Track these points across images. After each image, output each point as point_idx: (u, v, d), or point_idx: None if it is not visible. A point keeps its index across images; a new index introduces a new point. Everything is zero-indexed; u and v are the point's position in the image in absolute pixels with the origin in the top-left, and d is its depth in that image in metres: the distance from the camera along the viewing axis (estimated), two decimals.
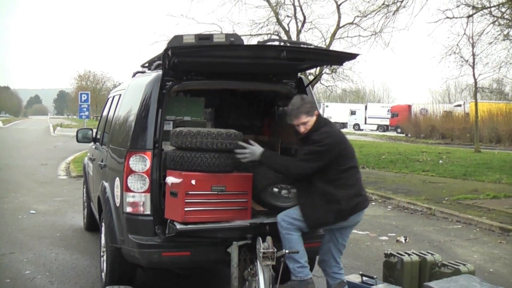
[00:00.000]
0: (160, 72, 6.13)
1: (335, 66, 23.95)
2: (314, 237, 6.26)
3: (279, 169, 5.66)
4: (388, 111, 70.45)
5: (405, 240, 10.05)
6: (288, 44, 6.54)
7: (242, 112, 8.03)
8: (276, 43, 6.80)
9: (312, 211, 5.50)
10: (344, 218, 5.55)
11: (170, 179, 5.65)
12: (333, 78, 27.69)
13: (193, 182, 5.56)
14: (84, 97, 34.83)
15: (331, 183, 5.48)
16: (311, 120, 5.54)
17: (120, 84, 11.36)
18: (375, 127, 71.90)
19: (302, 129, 5.56)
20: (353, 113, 74.42)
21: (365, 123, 73.66)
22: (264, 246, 5.33)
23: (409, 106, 64.99)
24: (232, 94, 7.79)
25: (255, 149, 5.69)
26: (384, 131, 68.79)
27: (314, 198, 5.50)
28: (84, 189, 10.31)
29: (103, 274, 6.91)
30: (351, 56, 6.17)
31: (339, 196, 5.52)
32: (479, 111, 33.95)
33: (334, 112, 70.26)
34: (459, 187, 16.54)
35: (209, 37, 5.90)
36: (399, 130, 62.40)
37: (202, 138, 5.63)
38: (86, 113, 34.81)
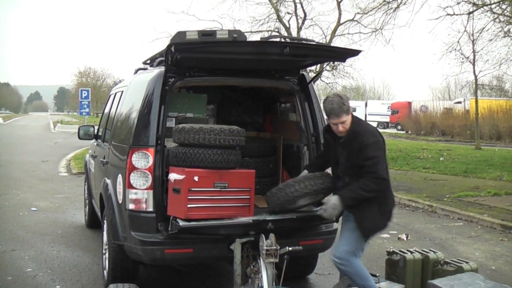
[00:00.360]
0: (162, 68, 6.12)
1: (335, 63, 23.93)
2: (314, 234, 6.27)
3: (366, 197, 5.35)
4: (388, 108, 70.38)
5: (407, 237, 10.03)
6: (291, 40, 6.51)
7: (244, 108, 8.03)
8: (279, 39, 6.79)
9: (371, 219, 5.43)
10: (391, 220, 5.61)
11: (173, 176, 5.64)
12: (334, 75, 27.71)
13: (196, 178, 5.55)
14: (84, 93, 34.90)
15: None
16: (349, 119, 5.46)
17: (121, 81, 11.37)
18: (375, 124, 71.63)
19: (341, 128, 5.44)
20: (353, 110, 74.05)
21: (366, 120, 73.56)
22: (267, 243, 5.32)
23: (409, 103, 64.91)
24: (234, 90, 7.78)
25: (334, 202, 5.44)
26: (384, 128, 68.68)
27: (369, 204, 5.41)
28: (86, 186, 10.30)
29: (105, 271, 6.90)
30: (354, 53, 6.15)
31: (391, 198, 5.58)
32: (479, 108, 33.91)
33: None
34: (460, 184, 16.52)
35: (212, 33, 5.88)
36: (399, 127, 62.35)
37: (205, 134, 5.61)
38: (87, 109, 34.86)
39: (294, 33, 24.99)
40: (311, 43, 6.27)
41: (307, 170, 6.02)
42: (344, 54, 6.48)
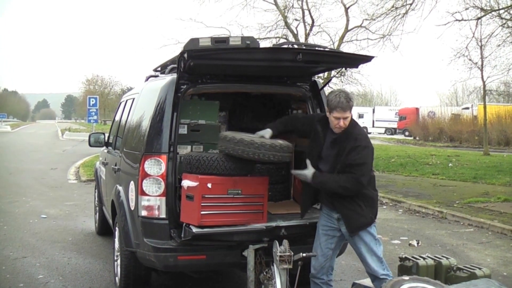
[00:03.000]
0: (174, 75, 6.12)
1: (343, 69, 23.92)
2: None
3: (335, 190, 5.41)
4: (396, 114, 70.28)
5: (418, 243, 10.00)
6: (304, 47, 6.51)
7: (256, 115, 8.02)
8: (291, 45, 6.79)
9: (358, 216, 5.46)
10: (375, 218, 5.61)
11: (186, 183, 5.65)
12: (342, 81, 27.66)
13: (209, 185, 5.56)
14: (92, 101, 35.01)
15: (368, 185, 5.48)
16: (350, 117, 5.47)
17: (129, 88, 11.40)
18: (383, 130, 71.70)
19: (342, 123, 5.40)
20: (360, 116, 74.20)
21: (373, 126, 73.42)
22: (280, 249, 5.31)
23: (417, 109, 64.82)
24: (246, 97, 7.78)
25: (306, 173, 5.52)
26: (392, 134, 68.61)
27: (357, 202, 5.45)
28: (96, 193, 10.32)
29: (117, 278, 6.91)
30: (367, 59, 6.13)
31: (375, 197, 5.61)
32: (487, 114, 33.81)
33: None
34: (470, 190, 16.48)
35: (225, 40, 5.88)
36: (407, 133, 62.23)
37: (244, 146, 5.54)
38: (95, 117, 34.98)
39: (301, 40, 24.99)
40: (324, 49, 6.27)
41: (271, 131, 5.88)
42: (357, 60, 6.47)
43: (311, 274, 5.79)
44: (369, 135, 6.06)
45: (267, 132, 5.82)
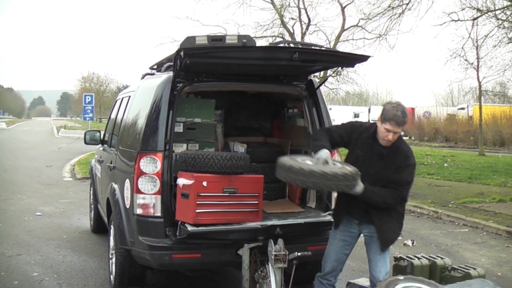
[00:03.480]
0: (171, 73, 6.12)
1: (339, 69, 23.95)
2: (323, 240, 6.24)
3: (378, 204, 5.22)
4: None
5: (413, 243, 10.02)
6: (301, 46, 6.51)
7: (252, 113, 8.03)
8: (287, 44, 6.79)
9: (391, 232, 5.38)
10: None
11: (182, 181, 5.65)
12: (338, 81, 27.72)
13: (204, 183, 5.56)
14: (88, 98, 34.93)
15: None
16: (400, 133, 5.28)
17: (124, 86, 11.40)
18: None
19: (391, 137, 5.17)
20: (356, 115, 74.14)
21: None
22: (276, 248, 5.32)
23: (413, 109, 64.74)
24: (242, 95, 7.78)
25: (358, 188, 5.09)
26: None
27: (392, 217, 5.36)
28: (91, 191, 10.30)
29: (112, 276, 6.90)
30: (363, 58, 6.12)
31: (403, 213, 5.54)
32: (483, 114, 33.87)
33: (337, 115, 69.86)
34: (465, 191, 16.50)
35: (221, 38, 5.87)
36: (402, 133, 62.03)
37: (316, 179, 4.89)
38: (90, 114, 34.89)
39: (298, 39, 25.03)
40: (320, 48, 6.27)
41: (328, 151, 5.18)
42: (354, 59, 6.46)
43: (318, 274, 5.70)
44: None
45: (326, 154, 5.12)
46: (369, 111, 75.02)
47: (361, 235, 5.54)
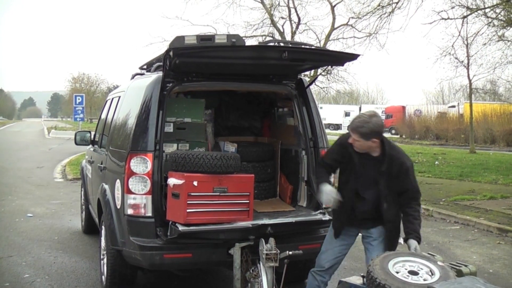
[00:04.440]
0: (160, 73, 6.11)
1: (329, 68, 23.98)
2: (314, 238, 6.26)
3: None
4: (382, 112, 70.38)
5: (404, 241, 10.02)
6: (290, 45, 6.51)
7: (242, 113, 8.03)
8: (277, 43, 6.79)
9: (397, 233, 5.44)
10: None
11: (172, 181, 5.64)
12: (328, 80, 27.78)
13: (195, 183, 5.56)
14: (78, 99, 34.87)
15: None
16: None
17: (115, 86, 11.35)
18: None
19: (357, 145, 5.17)
20: (347, 114, 74.36)
21: None
22: (267, 247, 5.32)
23: (403, 107, 64.99)
24: (232, 95, 7.78)
25: (415, 246, 5.22)
26: None
27: (399, 218, 5.40)
28: (82, 192, 10.28)
29: (103, 277, 6.88)
30: (352, 57, 6.14)
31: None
32: (473, 112, 33.99)
33: (328, 114, 70.32)
34: (456, 188, 16.55)
35: (210, 38, 5.87)
36: (393, 131, 62.34)
37: None
38: (81, 115, 34.83)
39: (288, 38, 25.04)
40: (309, 47, 6.28)
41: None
42: (343, 58, 6.46)
43: (313, 270, 5.66)
44: None
45: (330, 189, 5.29)
46: (359, 110, 75.18)
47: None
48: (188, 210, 5.54)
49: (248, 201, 5.87)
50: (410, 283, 4.55)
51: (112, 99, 8.37)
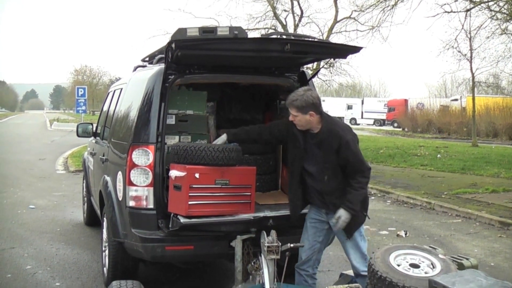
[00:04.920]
0: (162, 65, 6.10)
1: (332, 60, 23.95)
2: None
3: (366, 194, 5.57)
4: (384, 106, 70.44)
5: (406, 234, 10.05)
6: (293, 37, 6.49)
7: (244, 105, 8.00)
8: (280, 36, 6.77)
9: (354, 217, 5.41)
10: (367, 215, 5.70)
11: (174, 173, 5.63)
12: (331, 72, 27.68)
13: (197, 175, 5.55)
14: (81, 91, 34.76)
15: None
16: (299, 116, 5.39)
17: (117, 79, 11.33)
18: (371, 121, 71.92)
19: (292, 119, 5.43)
20: (349, 107, 74.43)
21: (362, 118, 73.70)
22: (268, 240, 5.31)
23: (406, 101, 64.99)
24: (234, 87, 7.76)
25: (344, 216, 5.27)
26: (380, 125, 68.81)
27: (337, 192, 5.47)
28: (84, 184, 10.29)
29: (105, 268, 6.89)
30: (355, 49, 6.10)
31: (367, 194, 5.69)
32: (476, 105, 33.95)
33: (330, 107, 70.20)
34: (458, 181, 16.55)
35: (213, 30, 5.86)
36: (395, 125, 62.36)
37: None
38: (83, 107, 34.77)
39: (291, 31, 24.98)
40: (312, 39, 6.25)
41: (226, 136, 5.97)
42: (346, 51, 6.44)
43: (296, 265, 5.77)
44: (358, 126, 6.03)
45: (221, 139, 5.91)
46: (362, 103, 75.24)
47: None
48: (189, 202, 5.53)
49: (250, 194, 5.87)
50: (411, 276, 4.56)
51: (114, 91, 8.37)
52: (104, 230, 6.94)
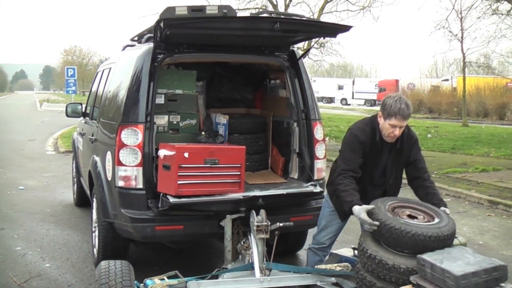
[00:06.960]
0: (151, 45, 6.06)
1: (323, 40, 23.89)
2: (305, 211, 6.28)
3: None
4: (375, 86, 70.36)
5: None
6: (282, 16, 6.46)
7: (234, 85, 7.98)
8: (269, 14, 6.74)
9: None
10: None
11: (163, 152, 5.62)
12: (322, 53, 27.59)
13: (186, 155, 5.54)
14: (70, 72, 34.49)
15: None
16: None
17: (107, 59, 11.24)
18: (362, 101, 71.85)
19: (397, 132, 4.94)
20: (340, 87, 74.37)
21: (353, 98, 73.63)
22: (258, 219, 5.30)
23: (397, 81, 64.96)
24: (224, 67, 7.73)
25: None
26: (371, 105, 68.73)
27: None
28: (74, 164, 10.27)
29: (95, 249, 6.89)
30: (345, 28, 6.07)
31: None
32: (466, 86, 34.01)
33: (321, 87, 70.26)
34: (448, 161, 16.60)
35: (201, 8, 5.82)
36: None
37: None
38: (73, 88, 34.51)
39: (281, 11, 24.86)
40: (301, 18, 6.22)
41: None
42: (335, 29, 6.40)
43: (313, 247, 5.69)
44: (349, 107, 5.97)
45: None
46: (353, 83, 75.17)
47: None
48: (179, 182, 5.53)
49: (239, 173, 5.87)
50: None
51: (103, 70, 8.31)
52: (94, 211, 6.93)
